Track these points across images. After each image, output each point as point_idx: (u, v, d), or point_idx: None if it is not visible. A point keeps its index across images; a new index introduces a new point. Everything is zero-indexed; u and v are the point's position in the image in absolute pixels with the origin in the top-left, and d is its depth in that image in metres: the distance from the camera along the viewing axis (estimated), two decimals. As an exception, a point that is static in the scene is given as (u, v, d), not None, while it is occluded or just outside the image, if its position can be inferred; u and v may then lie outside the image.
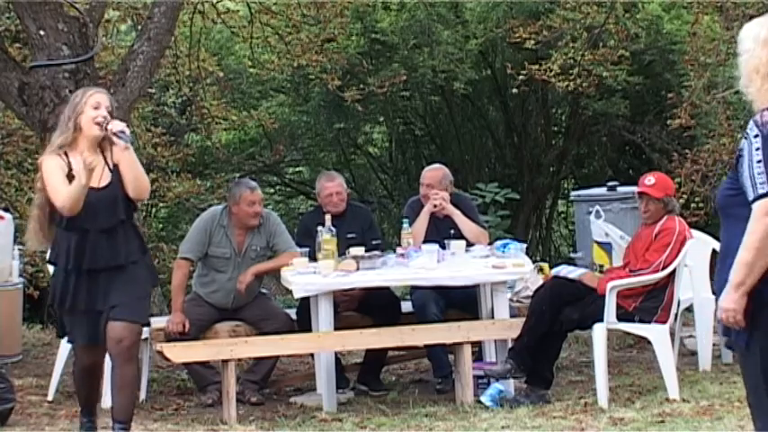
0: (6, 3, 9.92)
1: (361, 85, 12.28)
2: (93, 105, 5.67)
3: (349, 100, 11.78)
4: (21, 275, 9.22)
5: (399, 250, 7.48)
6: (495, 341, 7.24)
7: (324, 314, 6.96)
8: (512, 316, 7.21)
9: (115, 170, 5.69)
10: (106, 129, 5.61)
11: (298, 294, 7.04)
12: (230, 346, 6.85)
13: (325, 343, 7.00)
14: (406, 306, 7.60)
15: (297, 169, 16.33)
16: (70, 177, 5.60)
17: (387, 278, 7.16)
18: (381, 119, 15.05)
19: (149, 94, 12.55)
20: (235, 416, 6.67)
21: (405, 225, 7.68)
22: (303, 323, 7.32)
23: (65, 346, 7.26)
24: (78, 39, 8.93)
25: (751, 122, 3.86)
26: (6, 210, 9.76)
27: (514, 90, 12.27)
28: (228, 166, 14.41)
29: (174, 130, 14.01)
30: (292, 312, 7.62)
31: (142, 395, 7.40)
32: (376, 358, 7.64)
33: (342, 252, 7.30)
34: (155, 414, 7.01)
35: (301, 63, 11.76)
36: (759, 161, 3.77)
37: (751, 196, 3.78)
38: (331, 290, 6.98)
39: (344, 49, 12.68)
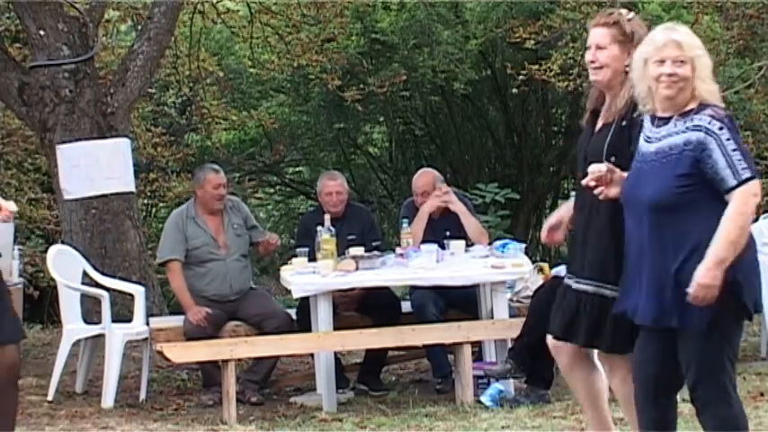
0: (6, 3, 9.92)
1: (361, 85, 12.28)
2: None
3: (349, 100, 11.79)
4: (21, 275, 9.22)
5: (399, 250, 7.47)
6: (495, 341, 7.23)
7: (323, 314, 6.95)
8: (512, 316, 7.21)
9: None
10: None
11: (296, 294, 7.04)
12: (230, 346, 6.84)
13: (326, 343, 7.00)
14: (406, 306, 7.60)
15: (297, 169, 16.34)
16: None
17: (386, 278, 7.15)
18: (381, 119, 15.06)
19: (149, 94, 12.56)
20: (235, 416, 6.66)
21: (404, 225, 7.68)
22: (303, 323, 7.32)
23: (65, 346, 7.28)
24: (78, 39, 8.94)
25: (707, 118, 4.19)
26: (6, 209, 9.74)
27: (514, 90, 12.27)
28: (228, 166, 14.36)
29: (174, 130, 14.02)
30: (292, 312, 7.62)
31: (142, 395, 7.40)
32: (376, 358, 7.63)
33: (341, 252, 7.30)
34: (155, 414, 7.01)
35: (301, 63, 11.77)
36: (734, 149, 4.14)
37: (733, 183, 4.13)
38: (330, 290, 6.97)
39: (344, 49, 12.69)
